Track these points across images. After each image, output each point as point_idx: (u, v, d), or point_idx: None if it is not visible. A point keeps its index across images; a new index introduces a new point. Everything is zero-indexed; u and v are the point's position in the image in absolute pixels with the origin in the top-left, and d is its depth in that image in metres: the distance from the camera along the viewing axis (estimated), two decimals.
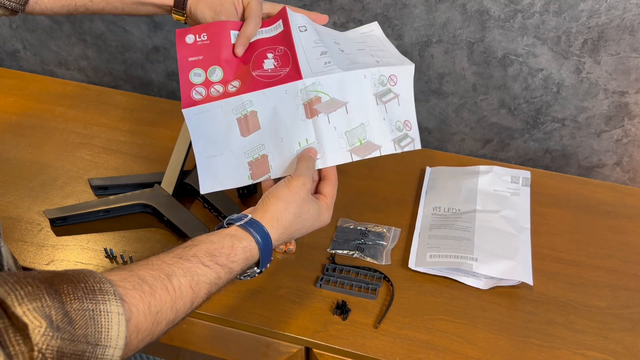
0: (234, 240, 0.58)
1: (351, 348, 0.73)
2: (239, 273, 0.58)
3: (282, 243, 0.64)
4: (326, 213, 0.66)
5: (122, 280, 0.48)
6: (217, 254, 0.56)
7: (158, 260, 0.53)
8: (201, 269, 0.54)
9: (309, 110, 0.68)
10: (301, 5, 1.01)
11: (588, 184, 0.97)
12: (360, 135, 0.69)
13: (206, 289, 0.54)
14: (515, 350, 0.73)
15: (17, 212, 0.91)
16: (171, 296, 0.51)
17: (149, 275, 0.50)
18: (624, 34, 0.88)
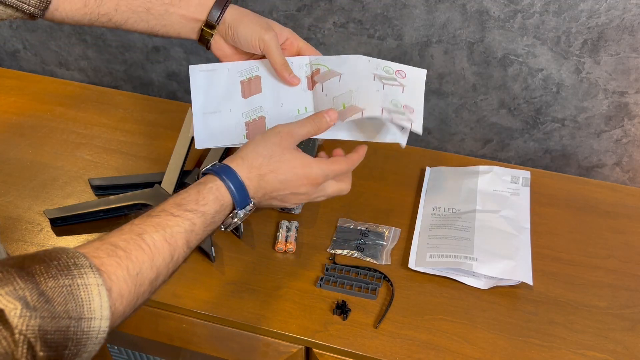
0: (199, 186, 0.58)
1: (351, 348, 0.73)
2: (214, 216, 0.58)
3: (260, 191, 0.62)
4: (316, 168, 0.63)
5: (95, 250, 0.48)
6: (184, 202, 0.56)
7: (128, 225, 0.53)
8: (172, 220, 0.54)
9: (311, 82, 0.70)
10: (301, 5, 1.01)
11: (588, 184, 0.97)
12: (346, 100, 0.69)
13: (183, 239, 0.54)
14: (515, 350, 0.73)
15: (17, 212, 0.91)
16: (147, 254, 0.51)
17: (121, 240, 0.50)
18: (624, 34, 0.88)
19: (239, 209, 0.60)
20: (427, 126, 1.11)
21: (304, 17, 1.03)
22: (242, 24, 0.70)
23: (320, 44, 1.06)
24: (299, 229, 0.88)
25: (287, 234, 0.86)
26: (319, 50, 1.06)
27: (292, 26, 1.05)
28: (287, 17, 1.04)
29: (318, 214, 0.91)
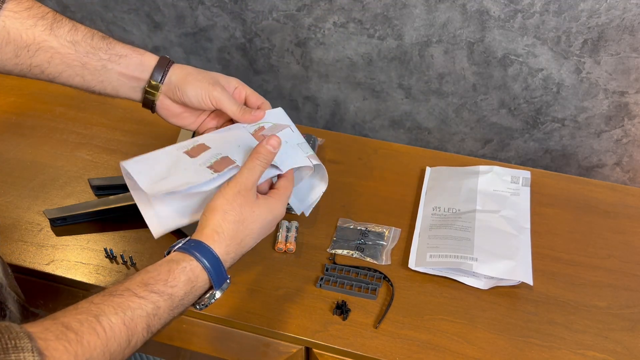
0: (171, 265, 0.54)
1: (351, 348, 0.73)
2: (182, 299, 0.53)
3: (238, 255, 0.59)
4: (279, 206, 0.61)
5: (44, 330, 0.43)
6: (152, 282, 0.51)
7: (86, 303, 0.48)
8: (134, 301, 0.49)
9: (257, 137, 0.67)
10: (301, 5, 1.01)
11: (588, 184, 0.97)
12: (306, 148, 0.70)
13: (144, 323, 0.49)
14: (515, 350, 0.73)
15: (17, 212, 0.91)
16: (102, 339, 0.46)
17: (75, 321, 0.45)
18: (624, 34, 0.88)
19: (216, 290, 0.56)
20: (427, 126, 1.11)
21: (304, 17, 1.03)
22: (189, 84, 0.67)
23: (320, 44, 1.06)
24: (299, 229, 0.88)
25: (287, 234, 0.86)
26: (319, 50, 1.07)
27: (292, 26, 1.05)
28: (287, 17, 1.04)
29: (318, 214, 0.91)
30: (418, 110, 1.09)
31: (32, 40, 0.63)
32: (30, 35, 0.62)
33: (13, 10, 0.62)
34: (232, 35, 1.11)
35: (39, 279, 0.84)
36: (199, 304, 0.57)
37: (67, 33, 0.64)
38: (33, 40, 0.63)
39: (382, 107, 1.11)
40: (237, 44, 1.12)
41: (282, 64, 1.12)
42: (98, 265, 0.83)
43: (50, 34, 0.63)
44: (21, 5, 0.62)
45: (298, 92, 1.15)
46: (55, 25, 0.64)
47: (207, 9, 1.08)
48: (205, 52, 1.15)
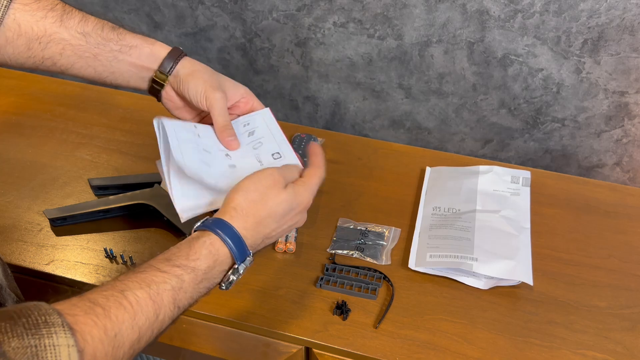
0: (191, 242, 0.54)
1: (351, 348, 0.73)
2: (206, 272, 0.53)
3: (259, 235, 0.58)
4: (306, 194, 0.61)
5: (71, 307, 0.44)
6: (174, 258, 0.52)
7: (112, 281, 0.49)
8: (158, 276, 0.50)
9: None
10: (301, 5, 1.01)
11: (588, 184, 0.97)
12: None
13: (170, 297, 0.50)
14: (515, 350, 0.73)
15: (17, 212, 0.91)
16: (129, 313, 0.46)
17: (101, 297, 0.46)
18: (624, 34, 0.88)
19: (239, 263, 0.56)
20: (427, 126, 1.11)
21: (304, 17, 1.03)
22: (193, 78, 0.67)
23: (320, 43, 1.06)
24: (299, 229, 0.88)
25: (287, 234, 0.86)
26: (319, 50, 1.07)
27: (292, 26, 1.05)
28: (287, 17, 1.04)
29: (318, 214, 0.91)
30: (418, 110, 1.09)
31: (43, 32, 0.63)
32: (41, 28, 0.62)
33: (22, 3, 0.61)
34: (232, 35, 1.11)
35: (39, 279, 0.84)
36: (225, 282, 0.57)
37: (78, 24, 0.64)
38: (44, 32, 0.63)
39: (382, 107, 1.11)
40: (237, 44, 1.12)
41: (282, 64, 1.12)
42: (98, 265, 0.83)
43: (61, 25, 0.63)
44: None
45: (298, 92, 1.15)
46: (65, 17, 0.64)
47: (207, 9, 1.08)
48: (205, 52, 1.15)
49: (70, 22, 0.64)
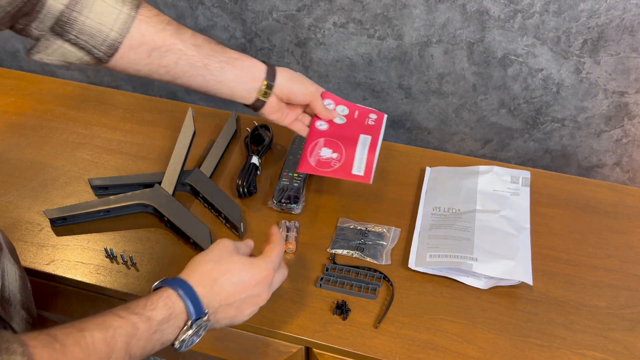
0: (150, 294, 0.58)
1: (351, 348, 0.73)
2: (160, 323, 0.56)
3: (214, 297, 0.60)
4: (262, 264, 0.64)
5: (33, 339, 0.47)
6: (133, 306, 0.55)
7: (74, 321, 0.52)
8: (116, 320, 0.53)
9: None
10: (301, 5, 1.01)
11: (588, 184, 0.97)
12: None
13: (123, 342, 0.52)
14: (515, 350, 0.73)
15: (17, 212, 0.91)
16: (84, 352, 0.49)
17: (62, 333, 0.49)
18: (624, 34, 0.88)
19: (194, 319, 0.58)
20: (427, 126, 1.12)
21: (304, 17, 1.03)
22: (296, 83, 0.80)
23: (320, 44, 1.06)
24: (299, 229, 0.88)
25: (287, 234, 0.86)
26: (319, 50, 1.07)
27: (292, 26, 1.05)
28: (287, 17, 1.04)
29: (318, 214, 0.91)
30: (418, 110, 1.09)
31: (162, 42, 0.69)
32: (160, 38, 0.69)
33: (145, 15, 0.68)
34: (232, 36, 1.11)
35: (39, 279, 0.84)
36: (178, 340, 0.58)
37: (190, 38, 0.71)
38: (163, 42, 0.69)
39: (382, 107, 1.11)
40: (237, 44, 1.12)
41: (282, 64, 1.12)
42: (98, 265, 0.83)
43: (177, 37, 0.70)
44: (151, 12, 0.69)
45: None
46: (180, 31, 0.71)
47: (207, 9, 1.09)
48: None
49: (184, 36, 0.71)
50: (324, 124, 0.87)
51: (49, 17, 0.63)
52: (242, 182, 0.92)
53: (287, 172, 0.94)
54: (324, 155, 0.83)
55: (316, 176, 0.97)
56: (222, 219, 0.89)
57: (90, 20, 0.64)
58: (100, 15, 0.64)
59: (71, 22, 0.63)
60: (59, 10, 0.62)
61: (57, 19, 0.63)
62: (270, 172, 0.98)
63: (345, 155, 0.83)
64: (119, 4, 0.65)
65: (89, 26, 0.64)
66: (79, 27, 0.64)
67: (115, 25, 0.66)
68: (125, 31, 0.66)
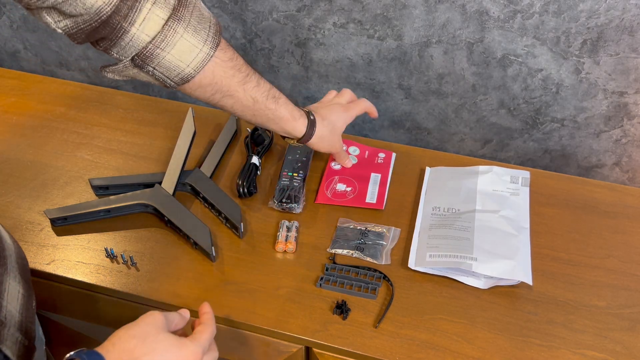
0: None
1: (351, 347, 0.73)
2: None
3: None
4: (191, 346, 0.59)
5: None
6: None
7: None
8: None
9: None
10: (301, 5, 1.02)
11: (587, 184, 0.97)
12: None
13: None
14: (515, 350, 0.73)
15: (17, 212, 0.91)
16: None
17: None
18: (623, 34, 0.88)
19: None
20: (426, 126, 1.12)
21: (304, 17, 1.03)
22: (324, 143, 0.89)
23: (320, 44, 1.06)
24: (299, 228, 0.88)
25: (287, 233, 0.86)
26: (319, 50, 1.07)
27: (292, 26, 1.05)
28: (287, 17, 1.04)
29: (318, 214, 0.91)
30: (418, 110, 1.10)
31: (227, 88, 0.74)
32: (227, 83, 0.73)
33: (221, 59, 0.71)
34: (232, 36, 1.11)
35: (40, 279, 0.84)
36: None
37: (252, 89, 0.76)
38: (228, 88, 0.74)
39: (382, 107, 1.11)
40: (237, 44, 1.12)
41: (282, 64, 1.12)
42: (99, 265, 0.83)
43: (241, 86, 0.75)
44: (226, 55, 0.72)
45: (298, 92, 1.16)
46: (247, 79, 0.75)
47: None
48: None
49: (248, 86, 0.75)
50: (337, 164, 0.99)
51: (131, 46, 0.64)
52: (242, 182, 0.92)
53: (287, 172, 0.94)
54: (339, 189, 0.94)
55: (316, 176, 0.97)
56: (222, 219, 0.89)
57: (170, 56, 0.66)
58: (182, 53, 0.66)
59: (153, 57, 0.65)
60: (144, 43, 0.64)
61: (140, 52, 0.64)
62: (270, 172, 0.99)
63: (358, 189, 0.94)
64: (200, 43, 0.67)
65: (168, 61, 0.66)
66: (159, 62, 0.66)
67: (192, 62, 0.68)
68: (200, 69, 0.69)
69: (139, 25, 0.63)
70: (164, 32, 0.64)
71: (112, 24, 0.61)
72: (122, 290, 0.80)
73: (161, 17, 0.64)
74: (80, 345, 0.56)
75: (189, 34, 0.66)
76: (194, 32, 0.66)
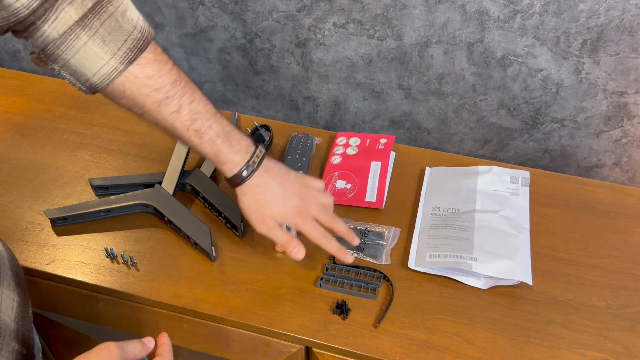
0: None
1: (351, 347, 0.73)
2: None
3: None
4: None
5: None
6: None
7: None
8: None
9: None
10: (301, 5, 1.02)
11: (587, 184, 0.97)
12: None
13: None
14: (515, 350, 0.73)
15: (18, 212, 0.91)
16: None
17: None
18: (623, 34, 0.88)
19: None
20: (426, 126, 1.12)
21: (304, 18, 1.03)
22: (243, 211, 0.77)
23: (320, 44, 1.06)
24: None
25: None
26: (319, 50, 1.07)
27: (292, 27, 1.05)
28: (287, 17, 1.04)
29: None
30: (418, 110, 1.10)
31: (142, 105, 0.68)
32: (141, 101, 0.67)
33: (134, 75, 0.65)
34: (232, 36, 1.11)
35: (40, 279, 0.84)
36: None
37: (170, 115, 0.69)
38: (143, 106, 0.68)
39: (381, 107, 1.11)
40: (237, 44, 1.12)
41: (282, 64, 1.12)
42: (99, 265, 0.83)
43: (156, 108, 0.68)
44: (143, 72, 0.66)
45: (298, 92, 1.16)
46: (164, 102, 0.68)
47: (208, 9, 1.09)
48: (206, 52, 1.16)
49: (165, 110, 0.68)
50: (337, 157, 0.98)
51: (42, 42, 0.61)
52: None
53: None
54: (339, 186, 0.94)
55: (316, 176, 0.97)
56: (222, 219, 0.89)
57: (75, 61, 0.63)
58: (85, 61, 0.63)
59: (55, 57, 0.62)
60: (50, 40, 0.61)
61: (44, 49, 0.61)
62: None
63: (358, 185, 0.93)
64: (107, 55, 0.63)
65: (73, 65, 0.63)
66: (64, 63, 0.63)
67: (98, 73, 0.64)
68: (107, 81, 0.65)
69: (52, 23, 0.60)
70: (65, 35, 0.61)
71: (26, 22, 0.60)
72: (122, 290, 0.80)
73: (73, 17, 0.61)
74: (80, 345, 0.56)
75: (94, 43, 0.62)
76: (102, 43, 0.63)
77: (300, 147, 0.99)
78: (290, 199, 0.75)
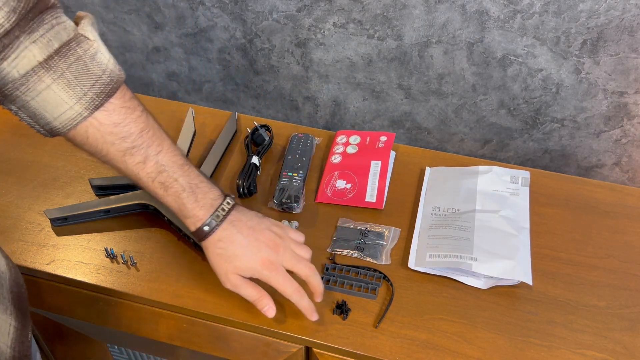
0: None
1: (351, 347, 0.73)
2: None
3: None
4: None
5: None
6: None
7: None
8: None
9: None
10: (301, 5, 1.02)
11: (587, 184, 0.97)
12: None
13: None
14: (515, 350, 0.73)
15: (17, 212, 0.91)
16: None
17: None
18: (623, 34, 0.88)
19: None
20: (426, 126, 1.12)
21: (304, 18, 1.03)
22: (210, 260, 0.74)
23: (320, 44, 1.06)
24: (299, 228, 0.88)
25: None
26: (318, 50, 1.07)
27: (292, 27, 1.05)
28: (287, 17, 1.04)
29: (318, 214, 0.91)
30: (418, 110, 1.10)
31: (106, 153, 0.66)
32: (104, 148, 0.65)
33: (100, 121, 0.63)
34: (232, 36, 1.11)
35: (40, 279, 0.84)
36: None
37: (135, 165, 0.66)
38: (106, 154, 0.66)
39: (381, 107, 1.11)
40: (237, 44, 1.12)
41: (282, 64, 1.12)
42: (99, 265, 0.83)
43: (121, 157, 0.66)
44: (109, 119, 0.63)
45: (298, 92, 1.16)
46: (130, 152, 0.66)
47: (208, 9, 1.09)
48: (206, 52, 1.16)
49: (130, 159, 0.66)
50: (338, 157, 0.98)
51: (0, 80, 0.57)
52: (242, 182, 0.92)
53: (286, 172, 0.94)
54: (339, 186, 0.93)
55: (316, 176, 0.97)
56: None
57: (35, 103, 0.59)
58: (47, 104, 0.59)
59: (13, 97, 0.58)
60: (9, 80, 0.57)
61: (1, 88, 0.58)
62: (270, 172, 0.99)
63: (358, 185, 0.93)
64: (72, 100, 0.60)
65: (33, 107, 0.59)
66: (22, 104, 0.59)
67: (60, 117, 0.61)
68: (69, 127, 0.61)
69: (12, 62, 0.56)
70: (27, 76, 0.57)
71: None
72: (122, 290, 0.80)
73: (37, 58, 0.57)
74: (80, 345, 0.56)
75: (59, 86, 0.59)
76: (67, 87, 0.59)
77: (300, 147, 0.99)
78: (257, 251, 0.71)
